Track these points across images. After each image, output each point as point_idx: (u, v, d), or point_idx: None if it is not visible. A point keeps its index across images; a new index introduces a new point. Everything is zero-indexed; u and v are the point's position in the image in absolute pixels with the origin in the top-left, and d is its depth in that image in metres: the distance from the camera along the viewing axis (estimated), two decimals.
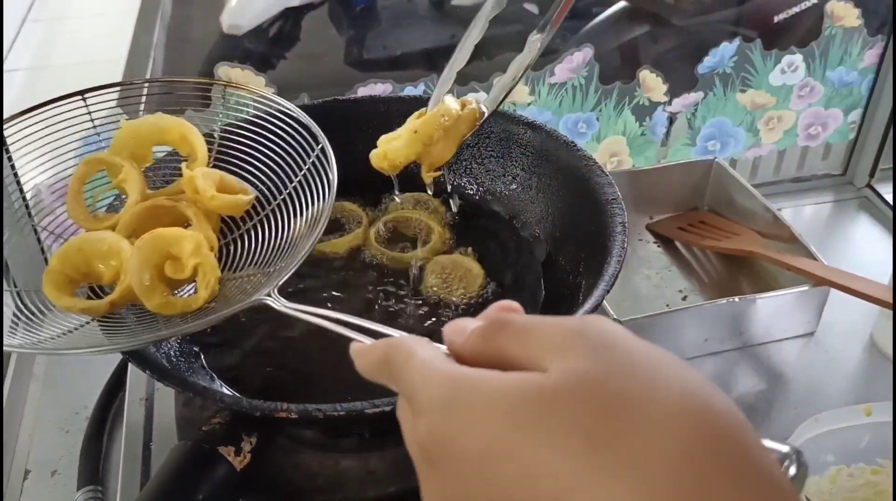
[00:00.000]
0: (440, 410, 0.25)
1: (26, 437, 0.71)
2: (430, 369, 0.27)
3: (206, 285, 0.47)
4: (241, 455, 0.42)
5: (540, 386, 0.24)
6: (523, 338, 0.26)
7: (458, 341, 0.29)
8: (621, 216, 0.53)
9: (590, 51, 0.83)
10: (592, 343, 0.25)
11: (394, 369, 0.29)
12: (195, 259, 0.47)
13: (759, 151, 0.94)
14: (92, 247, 0.49)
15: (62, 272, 0.49)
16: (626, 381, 0.24)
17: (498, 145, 0.66)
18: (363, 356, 0.31)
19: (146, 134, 0.53)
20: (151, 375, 0.43)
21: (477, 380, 0.26)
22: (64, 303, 0.49)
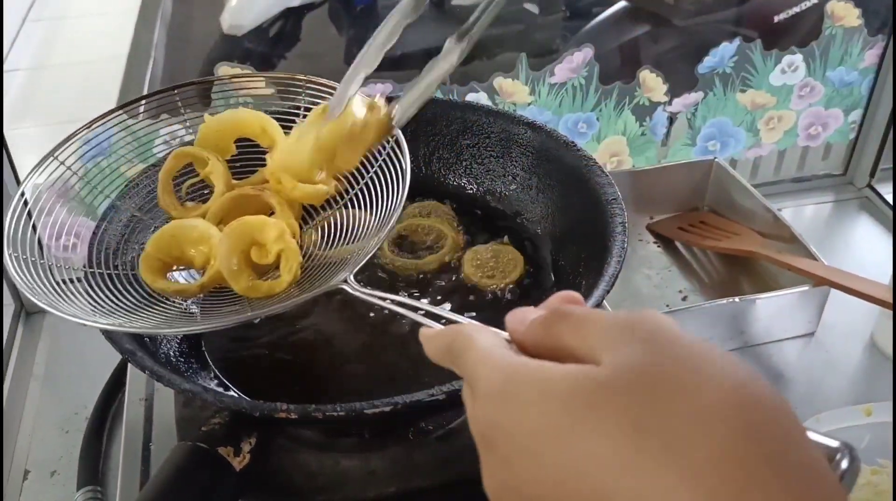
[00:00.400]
0: (497, 396, 0.27)
1: (26, 437, 0.71)
2: (490, 356, 0.29)
3: (288, 270, 0.50)
4: (240, 456, 0.42)
5: (592, 377, 0.25)
6: (580, 330, 0.27)
7: (519, 329, 0.30)
8: (621, 216, 0.53)
9: (590, 51, 0.83)
10: (643, 337, 0.26)
11: (456, 355, 0.30)
12: (279, 246, 0.50)
13: (759, 151, 0.94)
14: (184, 233, 0.52)
15: (156, 257, 0.52)
16: (675, 372, 0.24)
17: (498, 145, 0.66)
18: (430, 341, 0.33)
19: (228, 127, 0.56)
20: (151, 375, 0.43)
21: (532, 369, 0.27)
22: (159, 285, 0.52)
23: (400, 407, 0.42)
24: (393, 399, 0.42)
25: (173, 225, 0.53)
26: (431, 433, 0.55)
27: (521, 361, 0.28)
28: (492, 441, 0.27)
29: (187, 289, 0.51)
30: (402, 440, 0.55)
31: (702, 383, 0.24)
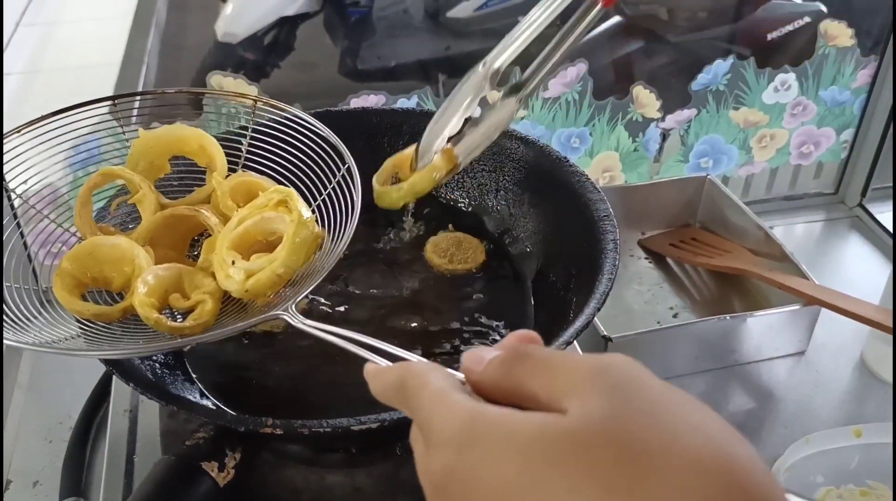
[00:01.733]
0: (456, 446, 0.25)
1: (9, 446, 0.70)
2: (446, 401, 0.27)
3: (196, 318, 0.47)
4: (224, 471, 0.42)
5: (558, 429, 0.24)
6: (543, 373, 0.26)
7: (476, 369, 0.28)
8: (613, 234, 0.53)
9: (584, 66, 0.83)
10: (613, 385, 0.24)
11: (408, 395, 0.29)
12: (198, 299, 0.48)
13: (751, 168, 0.95)
14: (104, 252, 0.49)
15: (72, 275, 0.49)
16: (646, 427, 0.23)
17: (490, 160, 0.65)
18: (377, 379, 0.31)
19: (164, 144, 0.54)
20: (135, 388, 0.42)
21: (494, 418, 0.25)
22: (75, 306, 0.48)
23: (387, 424, 0.41)
24: (380, 416, 0.41)
25: (92, 242, 0.50)
26: None
27: (480, 407, 0.26)
28: (447, 492, 0.25)
29: (108, 313, 0.48)
30: (389, 456, 0.54)
31: (675, 440, 0.23)
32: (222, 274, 0.48)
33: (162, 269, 0.48)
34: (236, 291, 0.47)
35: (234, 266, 0.47)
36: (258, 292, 0.47)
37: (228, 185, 0.52)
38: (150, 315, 0.46)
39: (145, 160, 0.54)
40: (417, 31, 2.18)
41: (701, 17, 1.67)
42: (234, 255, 0.48)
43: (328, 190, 0.53)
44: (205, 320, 0.47)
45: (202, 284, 0.48)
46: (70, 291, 0.49)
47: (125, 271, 0.49)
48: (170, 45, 2.71)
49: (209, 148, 0.53)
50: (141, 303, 0.46)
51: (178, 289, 0.49)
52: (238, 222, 0.49)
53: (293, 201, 0.48)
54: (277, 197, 0.49)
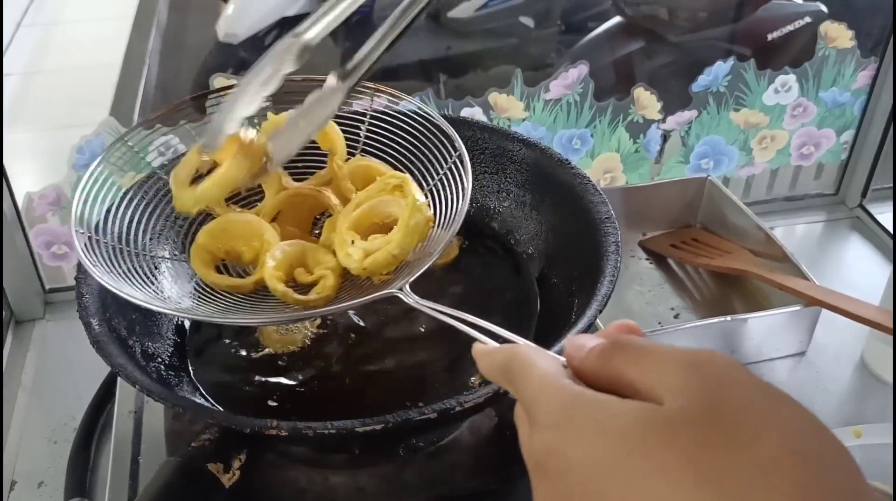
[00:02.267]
0: (557, 426, 0.27)
1: (13, 447, 0.70)
2: (549, 383, 0.28)
3: (319, 292, 0.50)
4: (230, 473, 0.42)
5: (654, 417, 0.25)
6: (642, 364, 0.27)
7: (577, 356, 0.30)
8: (614, 236, 0.53)
9: (585, 67, 0.83)
10: (709, 379, 0.25)
11: (514, 376, 0.30)
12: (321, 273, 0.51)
13: (752, 169, 0.95)
14: (237, 227, 0.52)
15: (207, 249, 0.52)
16: (739, 419, 0.24)
17: (492, 162, 0.66)
18: (485, 358, 0.33)
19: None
20: (141, 390, 0.43)
21: (593, 402, 0.27)
22: (212, 278, 0.52)
23: (391, 426, 0.42)
24: (384, 417, 0.42)
25: (225, 218, 0.53)
26: (422, 451, 0.55)
27: (583, 391, 0.27)
28: (548, 469, 0.27)
29: (242, 284, 0.51)
30: (392, 457, 0.54)
31: (767, 433, 0.24)
32: (342, 252, 0.51)
33: (287, 245, 0.52)
34: (355, 268, 0.50)
35: (353, 245, 0.50)
36: (375, 270, 0.49)
37: (347, 168, 0.55)
38: (278, 287, 0.49)
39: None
40: (418, 32, 2.18)
41: (701, 17, 1.67)
42: (353, 235, 0.51)
43: (440, 176, 0.55)
44: (327, 293, 0.50)
45: (324, 260, 0.51)
46: (206, 264, 0.52)
47: (254, 246, 0.52)
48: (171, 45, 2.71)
49: (331, 134, 0.56)
50: (270, 276, 0.50)
51: (302, 264, 0.52)
52: (357, 205, 0.52)
53: (408, 186, 0.51)
54: (394, 182, 0.51)
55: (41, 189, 0.79)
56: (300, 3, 2.17)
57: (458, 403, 0.43)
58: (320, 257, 0.52)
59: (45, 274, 0.83)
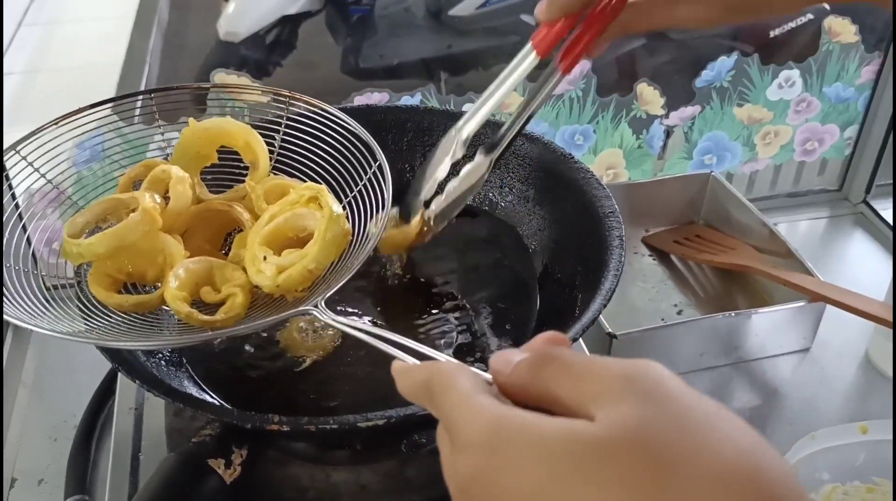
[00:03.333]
0: (482, 450, 0.25)
1: (13, 445, 0.70)
2: (473, 403, 0.27)
3: (227, 311, 0.48)
4: (231, 468, 0.42)
5: (586, 435, 0.24)
6: (571, 378, 0.26)
7: (503, 371, 0.28)
8: (619, 230, 0.53)
9: (587, 63, 0.82)
10: (643, 393, 0.24)
11: (435, 395, 0.29)
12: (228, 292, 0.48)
13: (755, 165, 0.94)
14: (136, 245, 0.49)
15: (106, 272, 0.50)
16: (676, 437, 0.23)
17: None
18: (405, 377, 0.31)
19: (213, 135, 0.54)
20: (142, 385, 0.42)
21: (520, 422, 0.25)
22: (113, 300, 0.49)
23: (394, 421, 0.41)
24: (386, 413, 0.41)
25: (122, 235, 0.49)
26: (424, 447, 0.54)
27: (508, 410, 0.26)
28: (472, 494, 0.25)
29: (148, 300, 0.49)
30: (395, 453, 0.54)
31: (705, 449, 0.23)
32: (254, 269, 0.48)
33: (193, 262, 0.49)
34: (267, 286, 0.48)
35: (266, 261, 0.48)
36: (289, 287, 0.47)
37: (263, 188, 0.53)
38: (182, 309, 0.47)
39: (193, 149, 0.55)
40: (419, 30, 2.18)
41: None
42: (265, 250, 0.49)
43: (359, 187, 0.53)
44: (236, 312, 0.47)
45: (232, 277, 0.49)
46: (107, 288, 0.49)
47: (158, 263, 0.50)
48: (172, 44, 2.71)
49: (255, 146, 0.54)
50: (173, 297, 0.47)
51: (209, 282, 0.49)
52: (269, 219, 0.50)
53: (324, 197, 0.49)
54: (308, 194, 0.49)
55: (42, 186, 0.79)
56: (300, 1, 2.17)
57: None
58: (228, 274, 0.50)
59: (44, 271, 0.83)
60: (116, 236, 0.47)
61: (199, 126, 0.54)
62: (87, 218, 0.51)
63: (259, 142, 0.54)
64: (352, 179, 0.54)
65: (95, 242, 0.48)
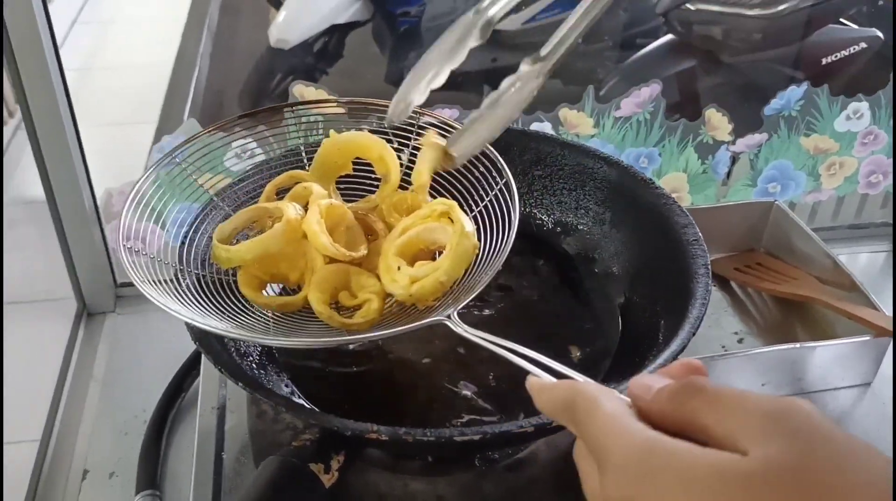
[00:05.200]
0: (633, 474, 0.26)
1: (85, 437, 0.72)
2: (622, 426, 0.27)
3: (363, 316, 0.50)
4: (329, 473, 0.43)
5: (740, 470, 0.24)
6: (720, 411, 0.26)
7: (644, 397, 0.29)
8: (703, 258, 0.53)
9: (658, 87, 0.83)
10: (797, 431, 0.25)
11: (578, 415, 0.29)
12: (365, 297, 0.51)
13: (818, 195, 0.94)
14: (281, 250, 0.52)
15: (253, 274, 0.52)
16: (831, 476, 0.23)
17: (571, 178, 0.66)
18: (544, 393, 0.32)
19: (350, 148, 0.57)
20: (247, 388, 0.44)
21: (673, 450, 0.26)
22: (262, 301, 0.52)
23: (489, 437, 0.42)
24: (482, 428, 0.42)
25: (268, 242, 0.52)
26: (497, 462, 0.55)
27: (658, 437, 0.27)
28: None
29: (292, 302, 0.52)
30: (469, 467, 0.55)
31: (856, 488, 0.23)
32: (388, 278, 0.50)
33: (333, 267, 0.52)
34: (401, 294, 0.50)
35: (400, 271, 0.50)
36: (421, 297, 0.49)
37: (392, 200, 0.56)
38: (324, 311, 0.50)
39: (331, 159, 0.57)
40: None
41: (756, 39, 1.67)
42: (399, 260, 0.51)
43: (485, 202, 0.55)
44: (371, 317, 0.50)
45: (367, 284, 0.51)
46: (254, 288, 0.52)
47: (299, 266, 0.52)
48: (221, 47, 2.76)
49: (387, 159, 0.56)
50: (315, 299, 0.50)
51: (346, 288, 0.52)
52: (402, 231, 0.52)
53: (455, 212, 0.51)
54: (441, 208, 0.51)
55: (120, 185, 0.81)
56: (351, 10, 2.20)
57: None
58: (364, 281, 0.52)
59: (117, 268, 0.85)
60: (262, 244, 0.50)
61: (338, 138, 0.57)
62: (235, 224, 0.54)
63: (392, 156, 0.57)
64: (478, 195, 0.56)
65: (244, 248, 0.51)
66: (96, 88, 2.40)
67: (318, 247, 0.51)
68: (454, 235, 0.49)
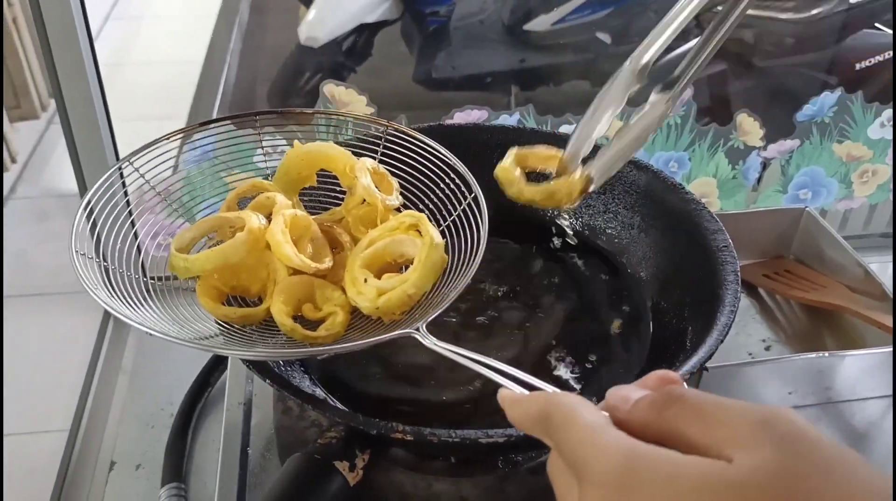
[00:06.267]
0: (616, 485, 0.25)
1: (112, 428, 0.73)
2: (601, 437, 0.27)
3: (328, 328, 0.49)
4: (354, 471, 0.43)
5: (728, 477, 0.24)
6: (702, 419, 0.26)
7: (622, 408, 0.28)
8: (733, 265, 0.53)
9: (689, 90, 0.83)
10: (782, 438, 0.24)
11: (553, 427, 0.29)
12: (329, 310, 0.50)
13: (850, 203, 0.93)
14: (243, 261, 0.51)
15: (213, 285, 0.51)
16: (819, 480, 0.23)
17: None
18: (517, 406, 0.32)
19: (314, 159, 0.56)
20: (272, 384, 0.44)
21: (657, 459, 0.25)
22: (222, 312, 0.51)
23: (514, 439, 0.42)
24: (507, 431, 0.42)
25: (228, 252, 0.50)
26: (520, 465, 0.55)
27: (638, 445, 0.26)
28: None
29: (253, 313, 0.51)
30: (491, 469, 0.55)
31: (845, 493, 0.23)
32: (354, 291, 0.49)
33: (296, 279, 0.50)
34: (367, 307, 0.49)
35: (367, 284, 0.49)
36: (388, 310, 0.48)
37: (358, 212, 0.55)
38: (287, 323, 0.48)
39: (295, 170, 0.56)
40: (493, 43, 2.19)
41: (788, 43, 1.65)
42: (366, 273, 0.50)
43: (453, 217, 0.54)
44: (336, 330, 0.49)
45: (332, 297, 0.50)
46: (214, 299, 0.51)
47: (261, 277, 0.51)
48: (250, 45, 2.78)
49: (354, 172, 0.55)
50: (278, 311, 0.48)
51: (309, 300, 0.51)
52: (369, 243, 0.51)
53: (424, 224, 0.50)
54: (409, 221, 0.51)
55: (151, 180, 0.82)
56: (380, 10, 2.20)
57: None
58: (328, 293, 0.51)
59: (147, 263, 0.86)
60: (223, 253, 0.49)
61: (303, 149, 0.56)
62: (195, 234, 0.53)
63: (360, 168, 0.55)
64: (445, 209, 0.55)
65: (203, 257, 0.49)
66: (127, 83, 2.43)
67: (282, 257, 0.49)
68: (423, 247, 0.48)
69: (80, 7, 0.70)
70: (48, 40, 0.70)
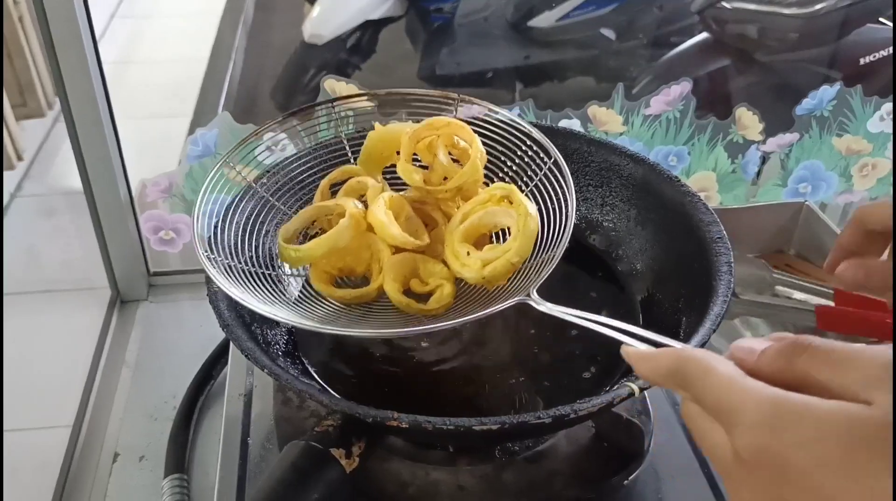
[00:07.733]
0: (766, 429, 0.27)
1: (116, 421, 0.74)
2: (743, 385, 0.29)
3: (437, 301, 0.52)
4: (350, 459, 0.44)
5: (869, 417, 0.25)
6: (835, 365, 0.27)
7: (749, 359, 0.30)
8: (727, 256, 0.53)
9: (688, 85, 0.83)
10: None
11: (690, 379, 0.31)
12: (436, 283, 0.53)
13: (849, 197, 0.93)
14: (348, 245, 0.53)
15: (324, 270, 0.54)
16: None
17: (597, 175, 0.66)
18: (647, 362, 0.34)
19: (394, 138, 0.58)
20: (270, 374, 0.45)
21: (803, 404, 0.27)
22: (337, 295, 0.54)
23: (507, 427, 0.43)
24: (500, 418, 0.43)
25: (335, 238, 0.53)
26: (518, 454, 0.56)
27: (782, 392, 0.28)
28: (755, 465, 0.27)
29: (366, 293, 0.53)
30: (489, 458, 0.55)
31: None
32: (458, 263, 0.52)
33: (401, 257, 0.53)
34: (473, 278, 0.51)
35: (470, 256, 0.51)
36: (494, 278, 0.50)
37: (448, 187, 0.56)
38: (401, 299, 0.51)
39: (377, 151, 0.58)
40: (497, 40, 2.20)
41: (792, 38, 1.64)
42: (466, 246, 0.52)
43: (535, 182, 0.57)
44: (446, 302, 0.51)
45: (435, 271, 0.53)
46: (326, 282, 0.54)
47: (365, 258, 0.54)
48: (256, 42, 2.79)
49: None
50: (391, 288, 0.51)
51: (415, 276, 0.53)
52: (463, 217, 0.54)
53: (516, 195, 0.52)
54: (500, 193, 0.53)
55: (155, 177, 0.83)
56: (384, 6, 2.21)
57: (572, 410, 0.43)
58: (431, 267, 0.53)
59: (150, 258, 0.87)
60: (330, 240, 0.52)
61: (383, 130, 0.58)
62: (298, 225, 0.55)
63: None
64: (526, 176, 0.57)
65: (314, 246, 0.52)
66: (133, 81, 2.44)
67: (387, 238, 0.52)
68: (519, 216, 0.50)
69: (83, 6, 0.71)
70: (52, 39, 0.71)
